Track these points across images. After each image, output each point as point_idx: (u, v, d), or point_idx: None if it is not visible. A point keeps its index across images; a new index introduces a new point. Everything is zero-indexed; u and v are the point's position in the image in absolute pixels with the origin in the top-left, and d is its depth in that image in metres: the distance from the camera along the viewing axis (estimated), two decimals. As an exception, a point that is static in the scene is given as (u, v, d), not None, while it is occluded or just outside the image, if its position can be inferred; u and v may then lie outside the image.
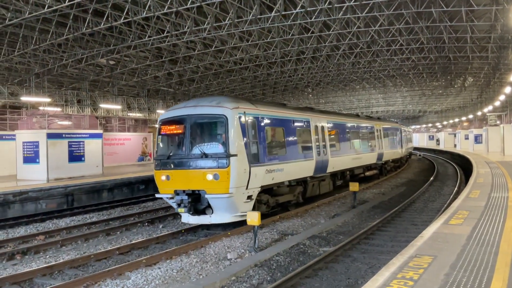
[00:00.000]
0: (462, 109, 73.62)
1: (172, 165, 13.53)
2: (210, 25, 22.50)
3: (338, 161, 20.87)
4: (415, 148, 66.63)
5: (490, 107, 47.14)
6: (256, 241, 11.67)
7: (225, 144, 12.91)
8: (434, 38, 27.72)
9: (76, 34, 23.01)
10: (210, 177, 12.79)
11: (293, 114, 17.29)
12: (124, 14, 20.65)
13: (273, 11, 20.93)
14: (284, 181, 15.62)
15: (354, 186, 18.24)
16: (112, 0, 19.95)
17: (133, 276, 9.89)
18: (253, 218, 11.51)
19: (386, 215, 15.90)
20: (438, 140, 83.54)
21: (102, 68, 33.43)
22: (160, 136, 14.29)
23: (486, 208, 11.48)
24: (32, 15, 19.36)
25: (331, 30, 25.45)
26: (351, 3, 20.08)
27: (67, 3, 18.51)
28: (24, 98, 30.08)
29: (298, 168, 16.77)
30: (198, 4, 19.47)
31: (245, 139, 13.32)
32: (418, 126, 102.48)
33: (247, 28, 23.28)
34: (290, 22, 22.63)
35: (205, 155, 12.98)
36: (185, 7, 19.74)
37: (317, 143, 18.67)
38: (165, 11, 20.04)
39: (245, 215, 12.28)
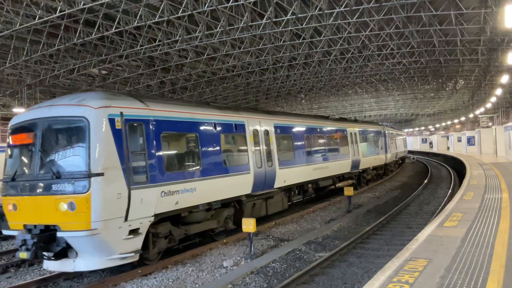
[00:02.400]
0: (454, 111, 74.10)
1: (18, 189, 9.78)
2: (201, 33, 22.57)
3: (292, 173, 17.03)
4: (409, 152, 66.36)
5: (482, 109, 47.51)
6: (252, 248, 11.64)
7: (86, 158, 9.20)
8: (425, 42, 27.94)
9: (68, 45, 23.00)
10: (64, 206, 9.07)
11: (213, 116, 13.13)
12: (116, 23, 20.68)
13: (264, 18, 21.02)
14: (198, 204, 11.90)
15: (348, 191, 18.27)
16: (103, 10, 19.97)
17: (129, 286, 9.83)
18: (249, 225, 11.49)
19: (381, 219, 15.94)
20: (431, 143, 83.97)
21: (94, 78, 33.39)
22: (9, 149, 10.50)
23: (480, 210, 11.54)
24: (23, 26, 19.34)
25: (322, 36, 25.59)
26: (341, 9, 20.21)
27: (58, 14, 18.52)
28: (16, 110, 29.96)
29: (224, 185, 12.90)
30: (189, 12, 19.53)
31: (121, 150, 9.62)
32: (411, 129, 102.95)
33: (239, 35, 23.38)
34: (281, 28, 22.75)
35: (57, 175, 9.23)
36: (176, 15, 19.80)
37: (257, 152, 14.78)
38: (156, 20, 20.08)
39: (131, 256, 9.88)
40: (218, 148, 12.99)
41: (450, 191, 23.24)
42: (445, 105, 71.74)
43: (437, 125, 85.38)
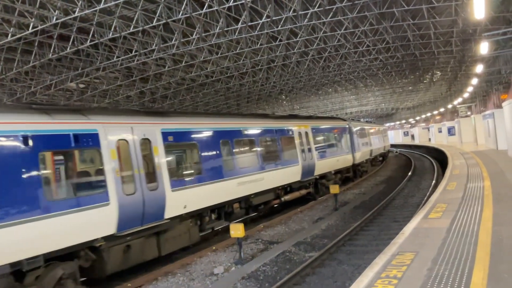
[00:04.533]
0: (433, 103, 75.14)
1: None
2: (178, 41, 22.53)
3: (198, 194, 12.60)
4: (392, 145, 66.59)
5: (460, 99, 48.28)
6: (242, 253, 11.63)
7: None
8: (399, 37, 28.29)
9: (43, 60, 22.76)
10: None
11: (27, 124, 8.64)
12: (90, 36, 20.52)
13: (240, 23, 21.08)
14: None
15: (334, 189, 18.38)
16: (77, 24, 19.80)
17: (120, 301, 9.71)
18: (237, 231, 11.47)
19: (368, 214, 16.08)
20: (413, 136, 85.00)
21: (72, 92, 33.05)
22: None
23: (464, 199, 11.72)
24: (-5, 45, 19.08)
25: (299, 37, 25.75)
26: (315, 9, 20.39)
27: (30, 30, 18.30)
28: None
29: (51, 230, 8.52)
30: (164, 21, 19.49)
31: None
32: (392, 123, 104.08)
33: (215, 41, 23.41)
34: (258, 32, 22.83)
35: None
36: (151, 25, 19.75)
37: (126, 172, 10.46)
38: (131, 30, 20.00)
39: None
40: (33, 173, 8.47)
41: (433, 181, 23.56)
42: (424, 97, 72.70)
43: (418, 118, 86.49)
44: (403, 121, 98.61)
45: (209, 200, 13.11)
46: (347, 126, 27.31)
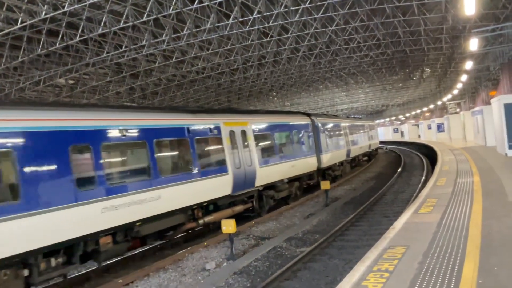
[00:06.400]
0: (422, 100, 75.69)
1: None
2: (168, 37, 22.41)
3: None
4: (382, 142, 66.54)
5: (449, 96, 48.70)
6: (233, 248, 11.64)
7: None
8: (390, 33, 28.45)
9: (32, 56, 22.52)
10: None
11: None
12: (80, 32, 20.34)
13: (231, 18, 21.03)
14: None
15: (325, 185, 18.43)
16: (66, 19, 19.61)
17: (111, 297, 9.65)
18: (229, 226, 11.48)
19: (358, 210, 16.17)
20: (402, 132, 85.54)
21: (61, 88, 32.76)
22: None
23: (453, 194, 11.81)
24: (-17, 39, 18.84)
25: (290, 33, 25.76)
26: (307, 5, 20.39)
27: (19, 26, 18.09)
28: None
29: None
30: (154, 16, 19.37)
31: None
32: (382, 120, 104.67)
33: (206, 37, 23.33)
34: (248, 28, 22.80)
35: None
36: (142, 20, 19.61)
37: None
38: (121, 26, 19.85)
39: None
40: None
41: (423, 177, 23.73)
42: (414, 94, 73.21)
43: (407, 114, 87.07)
44: (393, 118, 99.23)
45: (41, 239, 8.66)
46: (310, 122, 22.07)
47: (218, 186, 13.98)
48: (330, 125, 25.77)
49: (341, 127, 28.52)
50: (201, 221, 13.37)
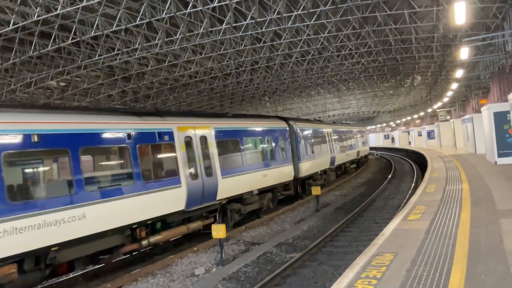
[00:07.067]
0: (413, 107, 76.26)
1: None
2: (161, 40, 22.42)
3: None
4: (372, 148, 66.72)
5: (440, 104, 49.11)
6: (223, 254, 11.61)
7: None
8: (381, 41, 28.66)
9: (23, 58, 22.41)
10: None
11: None
12: (72, 34, 20.28)
13: (224, 23, 21.08)
14: None
15: (316, 190, 18.47)
16: (59, 21, 19.55)
17: (99, 302, 9.58)
18: (219, 231, 11.44)
19: (348, 216, 16.22)
20: (393, 139, 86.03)
21: (52, 90, 32.59)
22: None
23: (442, 202, 11.90)
24: (-26, 40, 18.72)
25: (282, 39, 25.87)
26: (299, 12, 20.51)
27: (11, 27, 18.00)
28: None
29: None
30: (147, 20, 19.36)
31: None
32: (373, 127, 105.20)
33: (199, 41, 23.35)
34: (242, 33, 22.87)
35: None
36: (135, 23, 19.60)
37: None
38: (114, 29, 19.83)
39: None
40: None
41: (413, 184, 23.87)
42: (405, 101, 73.73)
43: (398, 121, 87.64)
44: (384, 124, 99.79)
45: None
46: (286, 128, 20.19)
47: (167, 201, 12.08)
48: (310, 131, 23.80)
49: (324, 133, 26.67)
50: (144, 242, 11.51)
